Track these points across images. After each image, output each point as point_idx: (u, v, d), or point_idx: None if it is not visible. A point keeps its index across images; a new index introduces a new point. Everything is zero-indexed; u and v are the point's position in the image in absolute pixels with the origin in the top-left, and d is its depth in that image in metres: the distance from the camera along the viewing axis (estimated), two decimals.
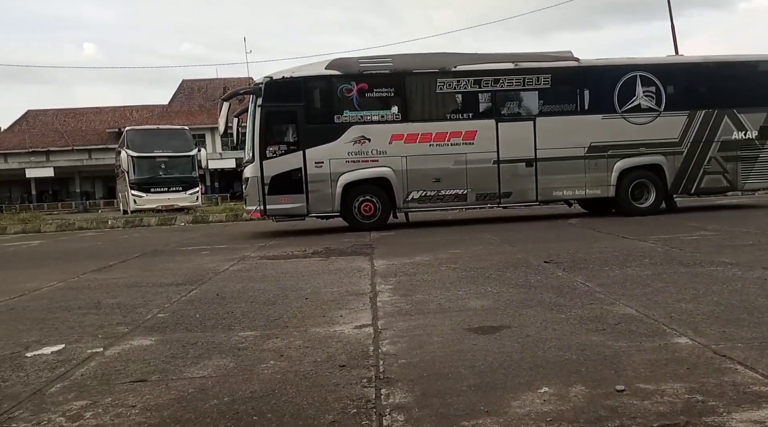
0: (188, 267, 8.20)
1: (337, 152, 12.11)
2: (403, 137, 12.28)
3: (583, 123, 12.70)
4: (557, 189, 12.73)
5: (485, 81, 12.55)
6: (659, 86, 12.83)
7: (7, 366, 3.79)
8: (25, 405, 3.06)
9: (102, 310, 5.45)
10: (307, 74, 12.30)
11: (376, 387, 3.04)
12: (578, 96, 12.89)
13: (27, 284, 7.26)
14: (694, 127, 12.89)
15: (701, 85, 13.19)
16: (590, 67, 13.00)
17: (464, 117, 12.57)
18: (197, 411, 2.83)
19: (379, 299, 5.27)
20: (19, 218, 22.05)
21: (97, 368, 3.63)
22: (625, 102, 12.76)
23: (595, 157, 12.66)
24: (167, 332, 4.47)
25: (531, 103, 12.78)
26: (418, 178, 12.30)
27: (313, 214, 12.41)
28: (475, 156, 12.38)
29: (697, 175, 12.94)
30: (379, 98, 12.39)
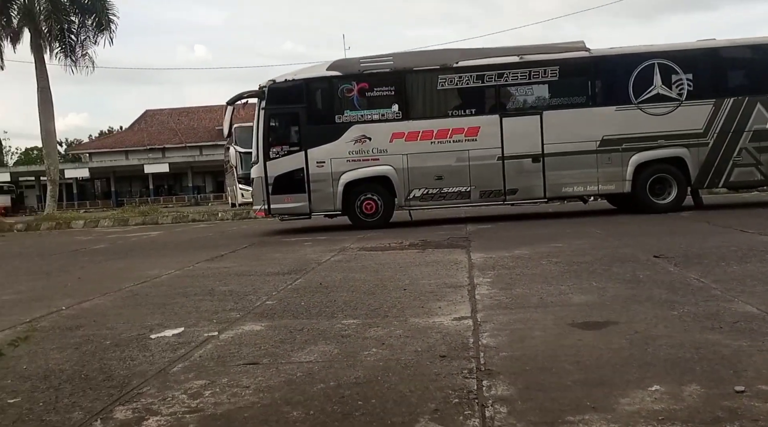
0: (292, 257, 8.53)
1: (338, 152, 12.24)
2: (404, 135, 12.22)
3: (594, 115, 12.12)
4: (567, 185, 12.22)
5: (489, 76, 12.26)
6: (680, 74, 12.05)
7: (135, 346, 4.12)
8: (152, 382, 3.32)
9: (216, 296, 5.79)
10: (309, 76, 12.53)
11: (477, 378, 3.05)
12: (589, 87, 12.42)
13: (148, 272, 7.84)
14: (722, 117, 11.96)
15: (729, 71, 12.38)
16: (602, 56, 12.37)
17: (467, 113, 12.33)
18: (305, 394, 2.96)
19: (477, 292, 5.25)
20: (139, 211, 23.81)
21: (213, 351, 3.88)
22: (642, 92, 12.05)
23: (608, 151, 12.05)
24: (275, 319, 4.69)
25: (538, 96, 12.36)
26: (420, 176, 12.24)
27: (316, 213, 12.59)
28: (479, 152, 12.14)
29: (726, 168, 12.04)
30: (379, 97, 12.37)
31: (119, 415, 2.86)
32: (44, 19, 23.65)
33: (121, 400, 3.06)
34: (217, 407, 2.87)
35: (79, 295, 6.39)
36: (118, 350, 4.06)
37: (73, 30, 24.62)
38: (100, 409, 2.95)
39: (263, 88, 12.37)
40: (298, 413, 2.73)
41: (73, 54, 24.51)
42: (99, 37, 24.83)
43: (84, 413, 2.92)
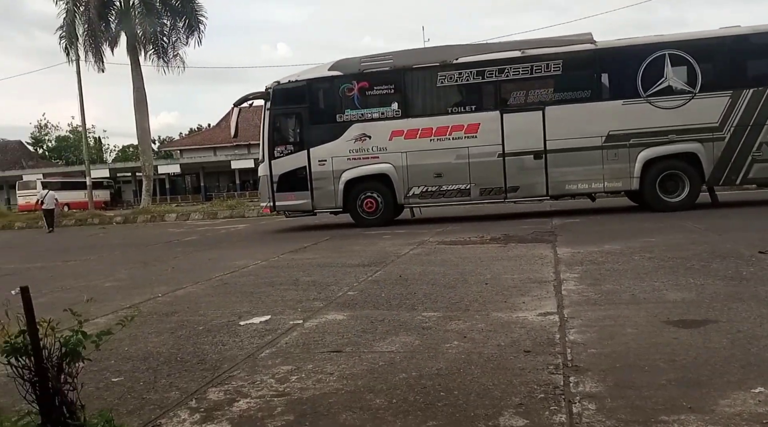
0: (372, 250, 8.61)
1: (339, 150, 12.33)
2: (403, 133, 12.15)
3: (600, 110, 11.59)
4: (571, 182, 11.76)
5: (489, 71, 11.95)
6: (693, 65, 11.27)
7: (225, 332, 4.30)
8: (242, 366, 3.46)
9: (300, 286, 5.94)
10: (311, 77, 12.67)
11: (564, 374, 2.97)
12: (594, 81, 11.85)
13: (236, 262, 8.15)
14: (740, 109, 11.11)
15: (748, 61, 11.43)
16: (608, 49, 11.76)
17: (467, 110, 12.13)
18: (388, 382, 2.99)
19: (564, 288, 5.11)
20: (226, 205, 24.82)
21: (298, 338, 3.99)
22: (651, 85, 11.37)
23: (614, 146, 11.48)
24: (357, 309, 4.76)
25: (540, 91, 11.88)
26: (419, 173, 12.13)
27: (318, 210, 12.76)
28: (479, 150, 11.90)
29: (744, 163, 11.18)
30: (379, 96, 12.35)
31: (212, 396, 3.00)
32: (139, 22, 25.02)
33: (213, 382, 3.20)
34: (303, 392, 2.95)
35: (173, 283, 6.74)
36: (210, 335, 4.24)
37: (165, 32, 25.93)
38: (194, 390, 3.10)
39: (269, 89, 12.64)
40: (381, 400, 2.75)
41: (165, 55, 25.83)
42: (189, 38, 26.03)
43: (180, 393, 3.07)
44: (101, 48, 25.46)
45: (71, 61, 25.65)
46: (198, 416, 2.74)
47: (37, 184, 35.78)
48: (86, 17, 24.85)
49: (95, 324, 4.33)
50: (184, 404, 2.90)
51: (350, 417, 2.59)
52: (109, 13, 25.72)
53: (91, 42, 25.11)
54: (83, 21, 25.02)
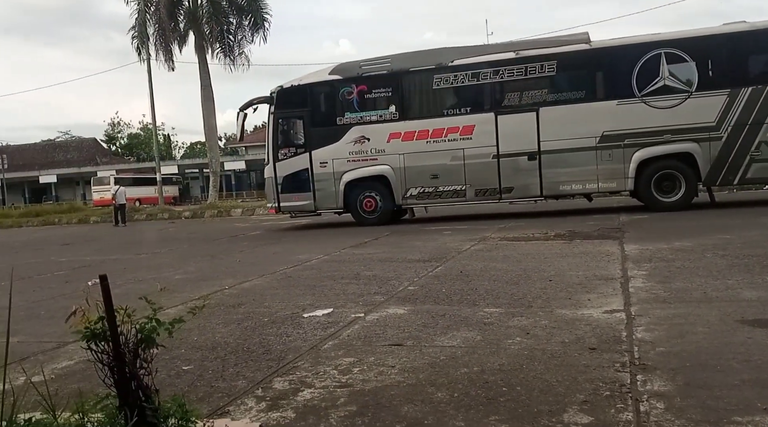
0: (432, 246, 8.61)
1: (340, 152, 12.62)
2: (401, 135, 12.34)
3: (594, 111, 11.49)
4: (565, 183, 11.73)
5: (484, 73, 12.01)
6: (690, 63, 11.08)
7: (289, 324, 4.41)
8: (305, 357, 3.54)
9: (361, 280, 6.01)
10: (312, 81, 12.94)
11: (631, 373, 2.90)
12: (589, 81, 11.85)
13: (299, 256, 8.31)
14: (737, 108, 10.82)
15: (747, 58, 11.11)
16: (602, 49, 11.64)
17: (462, 112, 12.21)
18: (449, 377, 2.99)
19: (631, 285, 4.97)
20: None
21: (360, 331, 4.04)
22: (647, 84, 11.20)
23: (609, 147, 11.38)
24: (417, 303, 4.78)
25: (534, 92, 11.85)
26: (416, 175, 12.33)
27: (321, 210, 13.09)
28: (474, 151, 11.99)
29: (742, 163, 10.91)
30: (377, 99, 12.59)
31: (277, 385, 3.08)
32: (206, 21, 25.83)
33: (278, 372, 3.29)
34: (365, 384, 2.99)
35: (239, 276, 6.94)
36: (275, 326, 4.36)
37: (231, 30, 26.68)
38: (260, 379, 3.19)
39: (273, 93, 13.01)
40: (443, 394, 2.76)
41: (231, 53, 26.58)
42: (254, 36, 26.67)
43: (247, 382, 3.17)
44: (171, 47, 26.44)
45: (142, 61, 26.79)
46: (264, 404, 2.82)
47: (110, 180, 37.60)
48: (156, 17, 25.85)
49: (166, 314, 4.48)
50: (251, 393, 3.00)
51: (412, 410, 2.61)
52: (178, 13, 26.66)
53: (161, 41, 26.11)
54: (154, 21, 26.05)
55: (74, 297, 6.13)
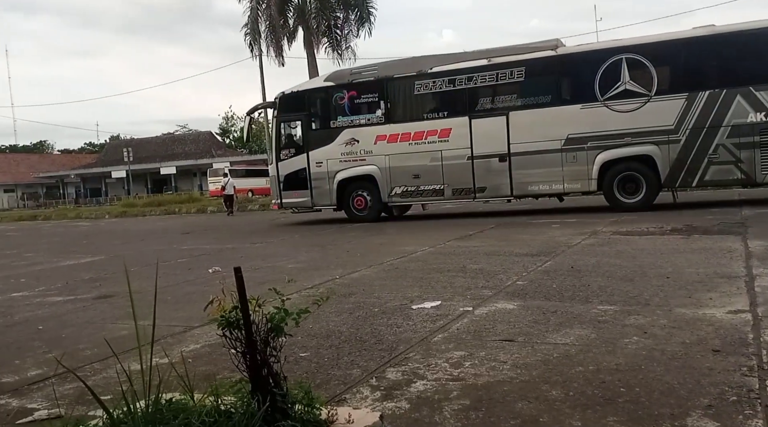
0: (541, 239, 8.43)
1: (333, 153, 13.64)
2: (386, 138, 13.21)
3: (559, 114, 11.94)
4: (533, 183, 12.27)
5: (459, 79, 12.67)
6: (650, 68, 11.35)
7: (399, 315, 4.50)
8: (416, 349, 3.61)
9: (468, 274, 6.01)
10: (310, 87, 14.24)
11: (759, 377, 2.73)
12: (555, 87, 12.30)
13: (405, 248, 8.43)
14: (695, 112, 11.04)
15: (704, 63, 11.27)
16: (567, 55, 12.13)
17: (440, 116, 12.95)
18: (563, 375, 2.94)
19: (757, 284, 4.65)
20: None
21: (469, 325, 4.06)
22: (608, 89, 11.56)
23: (573, 149, 11.84)
24: (527, 299, 4.72)
25: (504, 97, 12.48)
26: (400, 174, 13.18)
27: (317, 207, 14.20)
28: (451, 153, 12.69)
29: (700, 166, 11.11)
30: (366, 103, 13.52)
31: (391, 376, 3.17)
32: (314, 17, 26.57)
33: (391, 362, 3.38)
34: (477, 379, 3.01)
35: (349, 266, 7.15)
36: (385, 317, 4.47)
37: (338, 25, 27.29)
38: (374, 368, 3.30)
39: (276, 99, 14.15)
40: (557, 392, 2.73)
41: (338, 47, 27.19)
42: (360, 30, 27.15)
43: (361, 370, 3.29)
44: (281, 43, 27.42)
45: (254, 57, 27.98)
46: (379, 394, 2.92)
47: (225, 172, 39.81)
48: (267, 14, 26.88)
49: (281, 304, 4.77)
50: (366, 382, 3.10)
51: (526, 407, 2.60)
52: (287, 9, 27.61)
53: (271, 38, 27.15)
54: (265, 18, 27.11)
55: (197, 284, 6.60)
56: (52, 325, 5.04)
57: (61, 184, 62.73)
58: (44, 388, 3.38)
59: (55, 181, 62.79)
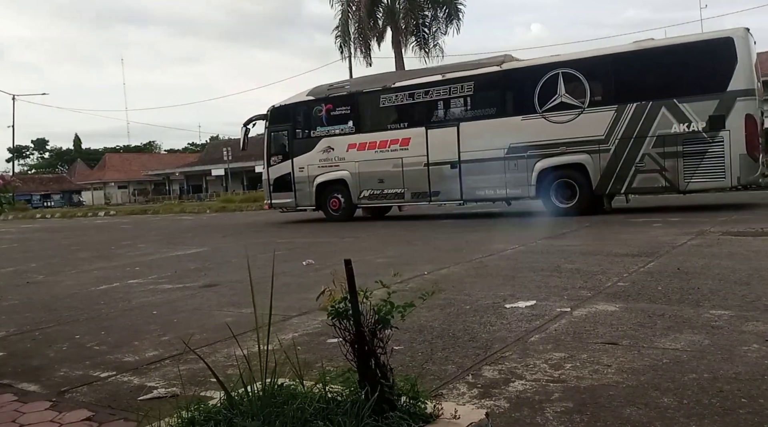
0: (641, 239, 8.06)
1: (313, 160, 15.30)
2: (356, 146, 14.67)
3: (502, 125, 12.80)
4: (480, 189, 13.21)
5: (417, 93, 13.89)
6: (583, 82, 12.12)
7: (491, 313, 4.44)
8: (512, 348, 3.54)
9: (563, 273, 5.84)
10: (295, 101, 15.76)
11: None
12: (499, 100, 13.25)
13: (494, 246, 8.31)
14: (623, 123, 11.70)
15: (632, 76, 11.97)
16: (510, 70, 12.96)
17: (401, 126, 14.20)
18: (675, 382, 2.79)
19: None
20: None
21: (568, 326, 3.94)
22: (546, 101, 12.37)
23: (514, 157, 12.67)
24: (630, 301, 4.52)
25: (456, 109, 13.59)
26: (367, 179, 14.56)
27: (300, 207, 15.77)
28: (410, 160, 13.91)
29: (627, 174, 11.75)
30: (340, 115, 15.00)
31: (487, 374, 3.13)
32: (403, 17, 26.70)
33: (486, 360, 3.34)
34: (579, 381, 2.91)
35: (437, 262, 7.14)
36: (477, 315, 4.42)
37: (426, 23, 27.31)
38: (469, 366, 3.27)
39: (267, 111, 15.96)
40: (669, 400, 2.59)
41: (426, 46, 27.22)
42: (448, 27, 27.03)
43: (456, 367, 3.27)
44: (369, 43, 27.80)
45: (344, 58, 28.49)
46: (476, 391, 2.89)
47: None
48: (357, 16, 27.31)
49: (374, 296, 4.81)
50: (462, 379, 3.08)
51: (635, 413, 2.49)
52: (377, 10, 27.94)
53: (360, 39, 27.57)
54: (355, 20, 27.56)
55: (292, 275, 6.80)
56: (165, 310, 5.35)
57: (167, 181, 66.70)
58: (160, 368, 3.59)
59: (161, 178, 66.83)
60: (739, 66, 10.76)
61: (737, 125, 10.78)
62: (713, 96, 10.99)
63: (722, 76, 10.88)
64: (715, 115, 10.95)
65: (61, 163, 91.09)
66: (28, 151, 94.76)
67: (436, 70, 14.51)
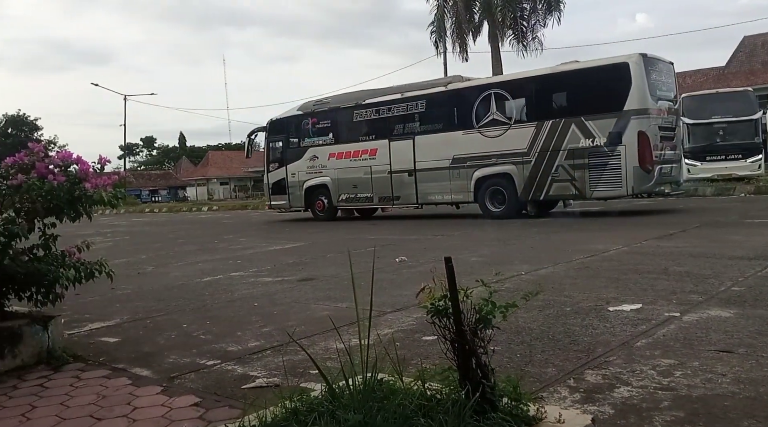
0: (758, 241, 7.49)
1: (302, 167, 17.31)
2: (335, 155, 16.56)
3: (447, 139, 14.35)
4: (431, 194, 14.89)
5: (382, 110, 15.59)
6: (510, 101, 13.63)
7: (594, 316, 4.27)
8: (617, 353, 3.39)
9: (671, 276, 5.53)
10: (288, 115, 17.91)
11: None
12: (445, 116, 14.63)
13: (595, 246, 7.99)
14: (542, 137, 13.00)
15: (548, 97, 13.45)
16: (454, 90, 14.50)
17: (370, 138, 15.98)
18: None
19: None
20: None
21: (677, 332, 3.72)
22: (481, 118, 13.84)
23: (457, 167, 14.25)
24: (746, 307, 4.21)
25: (412, 124, 15.07)
26: (344, 184, 16.43)
27: (294, 208, 17.81)
28: (377, 168, 15.68)
29: (545, 183, 13.10)
30: (322, 128, 16.97)
31: (590, 378, 3.02)
32: (500, 10, 26.22)
33: (589, 365, 3.22)
34: (691, 390, 2.75)
35: (534, 262, 6.96)
36: (579, 317, 4.27)
37: (525, 16, 26.67)
38: (571, 369, 3.17)
39: (267, 124, 18.19)
40: None
41: (524, 39, 26.59)
42: (547, 19, 26.27)
43: (557, 370, 3.17)
44: (465, 38, 27.53)
45: (439, 54, 28.40)
46: (578, 395, 2.79)
47: None
48: (454, 11, 27.12)
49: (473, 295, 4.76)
50: (563, 382, 2.99)
51: (754, 425, 2.31)
52: (473, 4, 27.61)
53: (456, 34, 27.37)
54: (451, 15, 27.39)
55: (385, 272, 6.86)
56: (265, 302, 5.56)
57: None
58: (262, 358, 3.74)
59: (260, 175, 69.37)
60: (633, 88, 11.99)
61: (631, 141, 12.02)
62: (612, 114, 12.25)
63: (620, 96, 12.15)
64: (613, 131, 12.22)
65: (168, 160, 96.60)
66: (138, 149, 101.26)
67: (398, 89, 15.97)
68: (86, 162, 4.01)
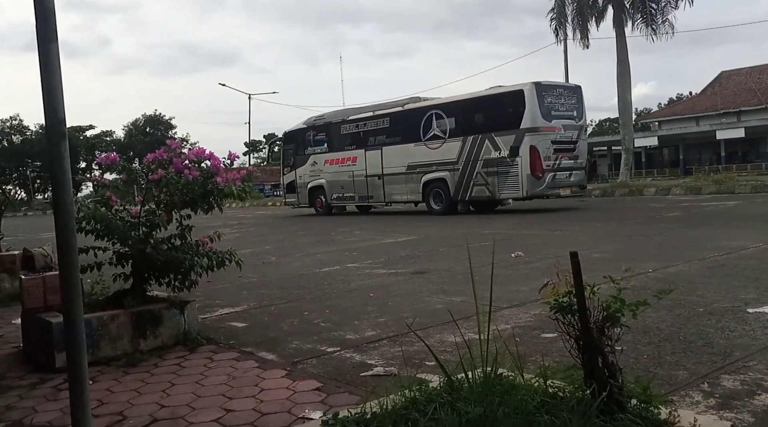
0: None
1: (306, 170, 20.97)
2: (329, 161, 20.19)
3: (404, 150, 17.95)
4: (394, 195, 18.53)
5: (359, 124, 19.36)
6: (445, 119, 16.98)
7: (730, 318, 3.96)
8: (757, 358, 3.13)
9: None
10: (297, 128, 21.65)
11: None
12: (402, 131, 18.14)
13: (731, 243, 7.40)
14: (466, 149, 16.35)
15: (471, 116, 16.72)
16: (409, 110, 18.11)
17: (353, 148, 19.50)
18: None
19: None
20: (712, 179, 22.65)
21: None
22: (426, 133, 17.35)
23: (411, 173, 17.79)
24: None
25: (381, 137, 18.71)
26: (334, 186, 20.05)
27: (301, 205, 21.43)
28: (357, 172, 19.22)
29: (469, 186, 16.39)
30: (320, 139, 20.61)
31: (726, 383, 2.81)
32: None
33: (725, 369, 3.00)
34: None
35: (662, 259, 6.56)
36: (713, 318, 3.98)
37: None
38: (704, 373, 2.96)
39: (282, 135, 22.69)
40: None
41: (653, 22, 24.90)
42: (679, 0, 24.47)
43: (689, 373, 2.98)
44: (587, 24, 26.31)
45: (559, 41, 27.41)
46: (713, 401, 2.61)
47: None
48: None
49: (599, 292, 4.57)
50: (695, 386, 2.80)
51: None
52: None
53: (578, 20, 26.22)
54: (571, 1, 26.28)
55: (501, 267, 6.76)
56: (380, 293, 5.67)
57: None
58: (379, 347, 3.82)
59: None
60: (526, 110, 15.06)
61: (525, 153, 15.06)
62: (512, 132, 15.33)
63: (517, 117, 15.22)
64: (513, 145, 15.28)
65: None
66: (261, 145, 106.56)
67: (372, 107, 19.66)
68: (218, 158, 4.28)
